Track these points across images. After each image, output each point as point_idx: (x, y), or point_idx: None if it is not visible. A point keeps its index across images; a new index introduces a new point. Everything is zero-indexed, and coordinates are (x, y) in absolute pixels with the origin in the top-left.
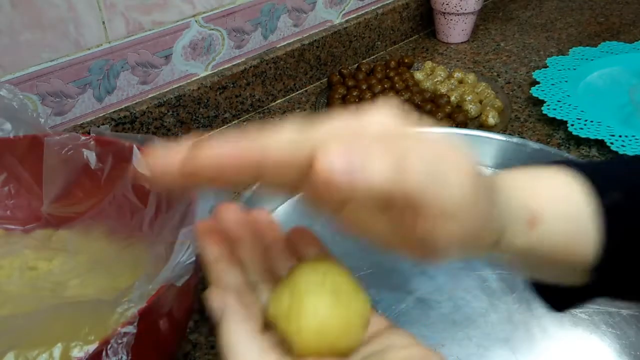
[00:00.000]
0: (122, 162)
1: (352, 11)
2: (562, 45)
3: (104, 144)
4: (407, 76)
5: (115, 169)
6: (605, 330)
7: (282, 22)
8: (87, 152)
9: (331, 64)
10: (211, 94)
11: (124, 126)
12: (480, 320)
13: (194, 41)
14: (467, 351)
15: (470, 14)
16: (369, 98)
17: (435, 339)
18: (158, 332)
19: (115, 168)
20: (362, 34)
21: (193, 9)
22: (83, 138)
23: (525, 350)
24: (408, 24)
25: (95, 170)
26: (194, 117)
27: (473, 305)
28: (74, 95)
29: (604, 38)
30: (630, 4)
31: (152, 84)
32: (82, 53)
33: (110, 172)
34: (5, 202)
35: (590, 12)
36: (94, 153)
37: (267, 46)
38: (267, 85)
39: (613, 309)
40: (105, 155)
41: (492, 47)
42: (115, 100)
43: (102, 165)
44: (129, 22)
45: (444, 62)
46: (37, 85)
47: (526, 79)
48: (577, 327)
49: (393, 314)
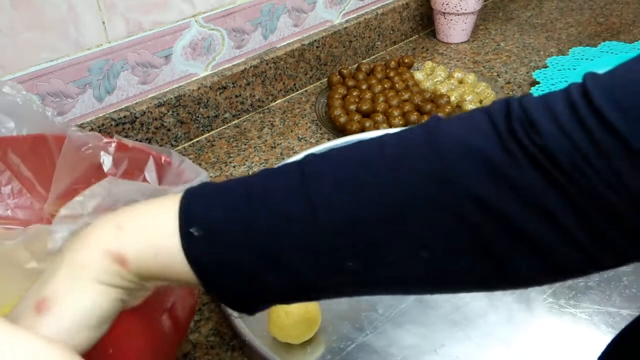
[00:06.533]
0: (136, 170)
1: (352, 11)
2: (562, 45)
3: (124, 149)
4: (407, 76)
5: (126, 175)
6: (605, 330)
7: (282, 22)
8: (104, 155)
9: (331, 64)
10: (211, 94)
11: (124, 126)
12: (480, 321)
13: (194, 41)
14: (467, 351)
15: (470, 14)
16: (369, 98)
17: (435, 339)
18: (158, 332)
19: (127, 174)
20: (362, 34)
21: (193, 9)
22: (105, 140)
23: (524, 350)
24: (408, 24)
25: (107, 173)
26: (194, 117)
27: (472, 306)
28: (74, 95)
29: (604, 38)
30: (630, 4)
31: (152, 84)
32: (82, 53)
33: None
34: (7, 201)
35: (590, 12)
36: (111, 157)
37: (267, 46)
38: (267, 85)
39: (613, 309)
40: (120, 160)
41: (492, 47)
42: (115, 100)
43: (116, 170)
44: (129, 22)
45: (444, 62)
46: (37, 85)
47: (526, 79)
48: (576, 327)
49: (393, 314)
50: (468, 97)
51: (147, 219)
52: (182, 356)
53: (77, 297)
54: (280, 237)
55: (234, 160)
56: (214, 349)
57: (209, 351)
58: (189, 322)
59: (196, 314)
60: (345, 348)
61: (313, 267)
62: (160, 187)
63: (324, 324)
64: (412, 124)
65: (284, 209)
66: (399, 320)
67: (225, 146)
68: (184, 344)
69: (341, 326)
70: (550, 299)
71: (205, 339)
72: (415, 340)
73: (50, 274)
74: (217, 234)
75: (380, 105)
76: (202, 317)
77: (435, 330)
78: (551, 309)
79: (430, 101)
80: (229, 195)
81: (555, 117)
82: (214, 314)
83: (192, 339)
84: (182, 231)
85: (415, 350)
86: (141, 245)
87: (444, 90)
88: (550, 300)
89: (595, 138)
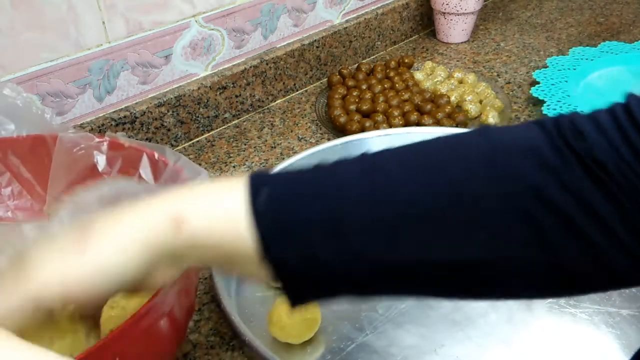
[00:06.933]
0: (130, 168)
1: (352, 11)
2: (562, 45)
3: (116, 148)
4: (407, 76)
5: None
6: (605, 330)
7: (282, 22)
8: (97, 155)
9: (331, 64)
10: (211, 94)
11: (124, 126)
12: (480, 320)
13: (194, 41)
14: (467, 351)
15: (470, 14)
16: (369, 98)
17: (435, 339)
18: (158, 332)
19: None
20: (362, 34)
21: (193, 9)
22: (97, 140)
23: (524, 350)
24: (408, 24)
25: (102, 173)
26: (194, 117)
27: (473, 305)
28: (74, 95)
29: (604, 38)
30: (630, 4)
31: (152, 84)
32: (82, 53)
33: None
34: (7, 202)
35: (590, 12)
36: (104, 156)
37: (267, 46)
38: (267, 85)
39: (613, 309)
40: (114, 159)
41: (492, 47)
42: (115, 100)
43: (110, 169)
44: (129, 22)
45: (444, 62)
46: (37, 85)
47: (526, 79)
48: (577, 327)
49: (393, 314)
50: (468, 97)
51: (212, 190)
52: (182, 356)
53: (119, 245)
54: (344, 206)
55: (234, 160)
56: (214, 349)
57: (209, 351)
58: (187, 323)
59: (196, 314)
60: (345, 348)
61: (372, 240)
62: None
63: (324, 324)
64: (412, 124)
65: (351, 182)
66: (399, 320)
67: (225, 146)
68: (184, 344)
69: (341, 326)
70: (550, 299)
71: (205, 339)
72: (415, 340)
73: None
74: (283, 198)
75: (380, 105)
76: (202, 317)
77: (435, 330)
78: (551, 309)
79: (430, 101)
80: (296, 170)
81: (600, 128)
82: (214, 314)
83: (192, 339)
84: (251, 193)
85: (415, 350)
86: (203, 210)
87: (444, 90)
88: (550, 300)
89: (636, 148)
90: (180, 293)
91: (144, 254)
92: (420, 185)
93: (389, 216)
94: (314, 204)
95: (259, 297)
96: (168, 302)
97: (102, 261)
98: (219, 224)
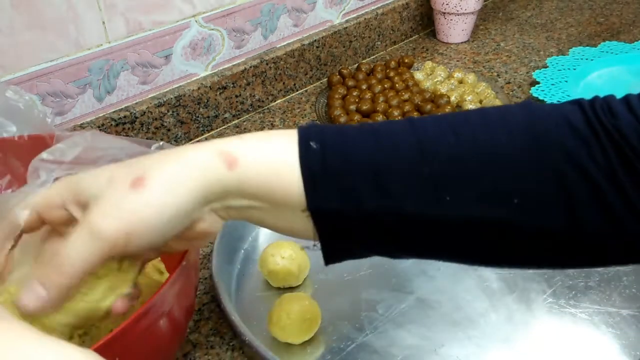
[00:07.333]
0: None
1: (352, 11)
2: (562, 45)
3: None
4: (407, 76)
5: None
6: (605, 330)
7: (282, 22)
8: None
9: (331, 64)
10: (211, 94)
11: (124, 126)
12: (480, 321)
13: (194, 41)
14: (467, 351)
15: (470, 14)
16: (369, 98)
17: (435, 339)
18: (158, 332)
19: None
20: (362, 34)
21: (193, 9)
22: None
23: (524, 350)
24: (408, 24)
25: None
26: (194, 117)
27: (473, 306)
28: (74, 95)
29: (604, 38)
30: (630, 4)
31: (152, 84)
32: (82, 53)
33: None
34: None
35: (590, 12)
36: None
37: (267, 46)
38: (267, 85)
39: (613, 309)
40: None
41: (492, 47)
42: (115, 100)
43: None
44: (129, 22)
45: (444, 62)
46: (37, 85)
47: (526, 79)
48: (577, 327)
49: (393, 314)
50: (468, 97)
51: (263, 135)
52: (182, 356)
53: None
54: (386, 159)
55: None
56: (214, 349)
57: (209, 351)
58: (187, 323)
59: (196, 314)
60: (345, 348)
61: (411, 192)
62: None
63: (324, 324)
64: None
65: (394, 138)
66: (399, 320)
67: None
68: (184, 344)
69: (341, 326)
70: (550, 299)
71: (205, 339)
72: (415, 341)
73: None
74: (333, 148)
75: (380, 105)
76: (201, 317)
77: (436, 330)
78: (551, 309)
79: (430, 101)
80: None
81: (631, 108)
82: (214, 314)
83: (192, 339)
84: (302, 140)
85: (416, 350)
86: (254, 150)
87: (444, 90)
88: (550, 301)
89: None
90: (180, 293)
91: (197, 191)
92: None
93: (433, 172)
94: (363, 155)
95: (259, 297)
96: (168, 302)
97: (159, 199)
98: (269, 165)
